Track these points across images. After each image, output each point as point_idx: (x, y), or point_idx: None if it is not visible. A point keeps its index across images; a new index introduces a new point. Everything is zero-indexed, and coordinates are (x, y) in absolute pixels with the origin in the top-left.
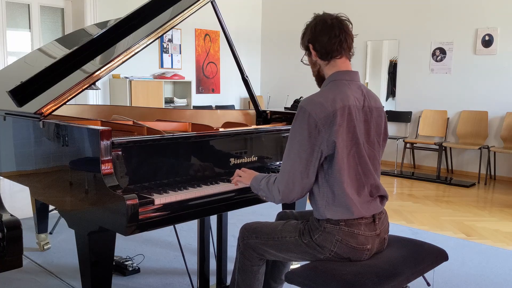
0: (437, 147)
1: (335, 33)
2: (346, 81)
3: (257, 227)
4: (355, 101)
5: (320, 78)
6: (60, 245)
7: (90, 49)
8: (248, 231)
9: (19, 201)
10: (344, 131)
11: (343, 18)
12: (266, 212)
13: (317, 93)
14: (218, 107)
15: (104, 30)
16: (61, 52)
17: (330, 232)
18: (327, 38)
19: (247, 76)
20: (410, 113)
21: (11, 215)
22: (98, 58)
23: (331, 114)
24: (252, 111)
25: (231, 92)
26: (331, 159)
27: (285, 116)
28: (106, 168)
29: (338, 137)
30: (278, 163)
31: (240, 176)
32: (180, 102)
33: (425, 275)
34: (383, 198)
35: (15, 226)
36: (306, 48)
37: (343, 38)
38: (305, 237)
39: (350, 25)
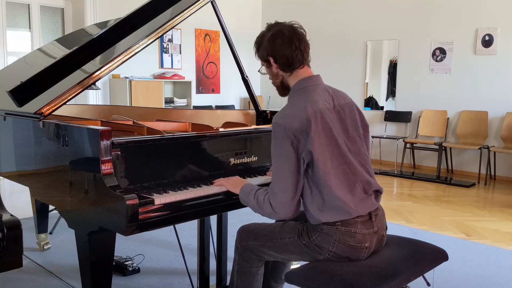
0: (437, 147)
1: (295, 45)
2: (311, 86)
3: (255, 229)
4: (325, 103)
5: (283, 87)
6: (60, 245)
7: (90, 49)
8: (246, 233)
9: (19, 201)
10: (321, 136)
11: (297, 27)
12: None
13: (287, 106)
14: (218, 107)
15: (104, 30)
16: (61, 52)
17: (327, 233)
18: (288, 51)
19: (247, 76)
20: (410, 113)
21: (11, 215)
22: (98, 58)
23: (305, 121)
24: (252, 111)
25: (231, 92)
26: (312, 165)
27: None
28: (106, 168)
29: (314, 144)
30: None
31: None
32: (180, 102)
33: (425, 275)
34: (377, 194)
35: (15, 226)
36: (266, 61)
37: (303, 48)
38: (303, 237)
39: (305, 33)
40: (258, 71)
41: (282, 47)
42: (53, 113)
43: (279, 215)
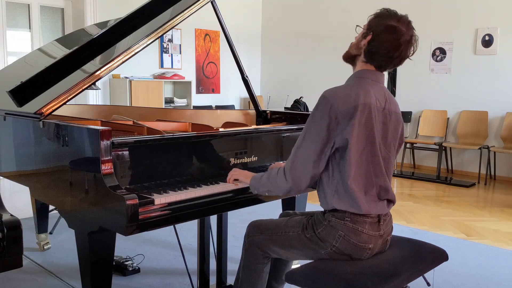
0: (437, 147)
1: (394, 61)
2: (371, 80)
3: (262, 223)
4: (377, 101)
5: (350, 57)
6: (60, 245)
7: (90, 49)
8: (254, 228)
9: (19, 201)
10: (361, 128)
11: (412, 50)
12: (267, 212)
13: (342, 86)
14: (218, 107)
15: (104, 30)
16: (61, 52)
17: (334, 226)
18: (383, 53)
19: (247, 76)
20: (410, 113)
21: (11, 215)
22: (98, 58)
23: (352, 108)
24: (252, 111)
25: (231, 92)
26: (344, 152)
27: (285, 116)
28: (106, 168)
29: (352, 132)
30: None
31: (235, 174)
32: (180, 102)
33: (425, 275)
34: (390, 202)
35: (15, 226)
36: (368, 30)
37: (394, 65)
38: (308, 231)
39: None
40: (357, 25)
41: (384, 46)
42: (53, 113)
43: (291, 184)
